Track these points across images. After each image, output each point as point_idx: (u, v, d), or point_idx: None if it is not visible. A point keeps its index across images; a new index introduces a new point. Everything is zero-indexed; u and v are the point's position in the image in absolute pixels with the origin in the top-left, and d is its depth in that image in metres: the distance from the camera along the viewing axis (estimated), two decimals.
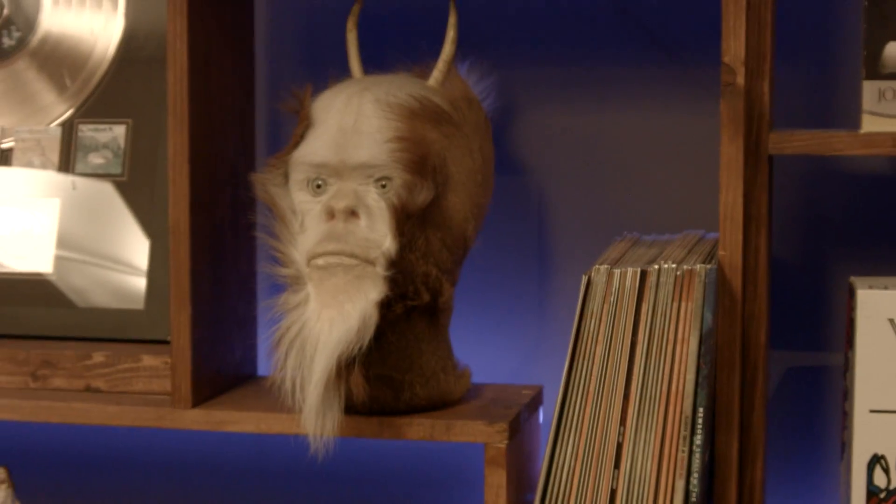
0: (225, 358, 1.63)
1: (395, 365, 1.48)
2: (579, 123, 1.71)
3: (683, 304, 1.41)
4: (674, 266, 1.41)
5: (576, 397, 1.42)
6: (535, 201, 1.73)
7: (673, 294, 1.41)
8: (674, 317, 1.41)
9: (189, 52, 1.53)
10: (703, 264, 1.41)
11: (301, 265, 1.44)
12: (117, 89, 1.74)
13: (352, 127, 1.46)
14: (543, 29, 1.71)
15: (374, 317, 1.41)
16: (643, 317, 1.41)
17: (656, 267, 1.42)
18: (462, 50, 1.57)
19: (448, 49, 1.54)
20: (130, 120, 1.73)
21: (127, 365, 1.61)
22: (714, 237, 1.55)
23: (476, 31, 1.69)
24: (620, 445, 1.41)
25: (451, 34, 1.54)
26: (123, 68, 1.74)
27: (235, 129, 1.64)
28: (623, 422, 1.41)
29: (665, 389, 1.40)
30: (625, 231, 1.65)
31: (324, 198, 1.46)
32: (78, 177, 1.74)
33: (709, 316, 1.41)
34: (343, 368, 1.41)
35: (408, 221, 1.43)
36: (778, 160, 1.53)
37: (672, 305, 1.41)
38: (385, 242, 1.43)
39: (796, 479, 1.67)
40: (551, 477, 1.42)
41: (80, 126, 1.74)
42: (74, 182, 1.74)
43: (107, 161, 1.73)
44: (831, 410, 1.66)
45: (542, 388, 1.64)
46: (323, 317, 1.41)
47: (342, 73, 1.56)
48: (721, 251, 1.46)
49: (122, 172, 1.73)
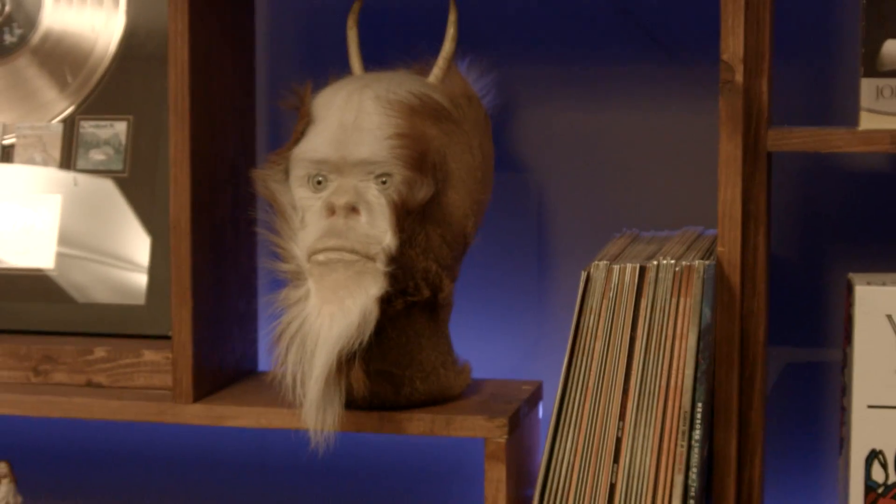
0: (226, 353, 1.63)
1: (396, 360, 1.48)
2: (579, 121, 1.71)
3: (682, 300, 1.41)
4: (673, 262, 1.42)
5: (575, 392, 1.42)
6: (535, 198, 1.73)
7: (672, 290, 1.41)
8: (673, 312, 1.41)
9: (190, 50, 1.53)
10: (702, 260, 1.42)
11: (302, 261, 1.44)
12: (118, 86, 1.74)
13: (352, 123, 1.46)
14: (543, 27, 1.71)
15: (375, 312, 1.42)
16: (642, 312, 1.42)
17: (655, 263, 1.42)
18: (462, 47, 1.57)
19: (448, 46, 1.54)
20: (131, 117, 1.73)
21: (128, 360, 1.61)
22: (713, 234, 1.56)
23: (476, 29, 1.69)
24: (619, 440, 1.41)
25: (452, 31, 1.54)
26: (124, 65, 1.74)
27: (236, 127, 1.64)
28: (622, 417, 1.41)
29: (664, 385, 1.40)
30: (624, 227, 1.65)
31: (324, 194, 1.46)
32: (79, 173, 1.74)
33: (707, 312, 1.41)
34: (343, 364, 1.41)
35: (408, 218, 1.44)
36: (776, 157, 1.53)
37: (671, 301, 1.41)
38: (385, 238, 1.43)
39: (795, 475, 1.68)
40: (551, 471, 1.42)
41: (82, 123, 1.75)
42: (76, 178, 1.74)
43: (108, 157, 1.73)
44: (829, 406, 1.66)
45: (542, 384, 1.64)
46: (323, 312, 1.41)
47: (342, 71, 1.57)
48: (720, 247, 1.46)
49: (124, 169, 1.73)
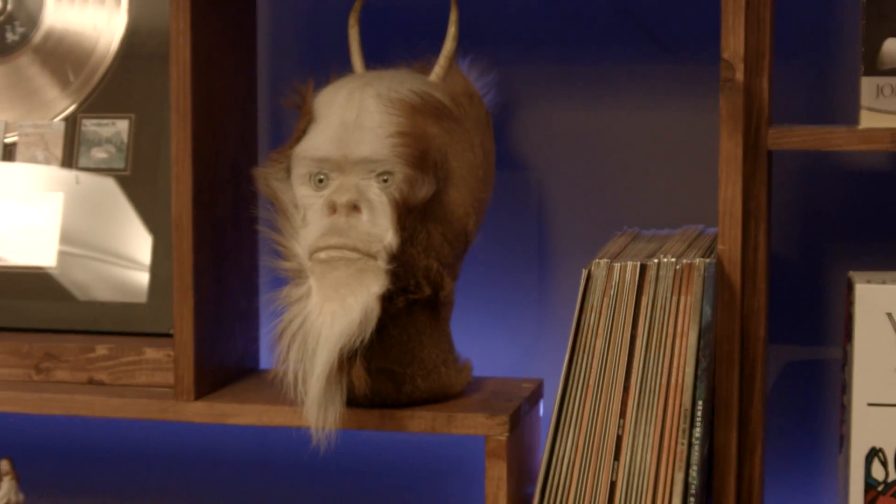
0: (227, 351, 1.63)
1: (397, 358, 1.48)
2: (580, 119, 1.72)
3: (683, 298, 1.41)
4: (673, 260, 1.42)
5: (576, 390, 1.42)
6: (536, 196, 1.73)
7: (672, 288, 1.42)
8: (673, 310, 1.41)
9: (192, 49, 1.53)
10: (703, 258, 1.42)
11: (303, 259, 1.45)
12: (120, 85, 1.74)
13: (354, 122, 1.46)
14: (543, 26, 1.72)
15: (376, 310, 1.42)
16: (643, 310, 1.42)
17: (656, 261, 1.42)
18: (463, 46, 1.57)
19: (449, 45, 1.54)
20: (133, 115, 1.73)
21: (130, 358, 1.62)
22: (713, 232, 1.56)
23: (477, 28, 1.69)
24: (620, 438, 1.41)
25: (453, 30, 1.54)
26: (126, 64, 1.74)
27: (238, 125, 1.64)
28: (623, 414, 1.41)
29: (664, 382, 1.41)
30: (625, 226, 1.66)
31: (326, 192, 1.46)
32: (81, 171, 1.74)
33: (708, 310, 1.42)
34: (345, 361, 1.41)
35: (409, 216, 1.44)
36: (777, 156, 1.54)
37: (671, 299, 1.41)
38: (387, 236, 1.43)
39: (795, 472, 1.68)
40: (551, 469, 1.42)
41: (84, 121, 1.75)
42: (78, 177, 1.74)
43: (110, 156, 1.73)
44: (830, 404, 1.67)
45: (543, 382, 1.65)
46: (325, 310, 1.41)
47: (344, 69, 1.57)
48: (720, 246, 1.46)
49: (125, 167, 1.73)
